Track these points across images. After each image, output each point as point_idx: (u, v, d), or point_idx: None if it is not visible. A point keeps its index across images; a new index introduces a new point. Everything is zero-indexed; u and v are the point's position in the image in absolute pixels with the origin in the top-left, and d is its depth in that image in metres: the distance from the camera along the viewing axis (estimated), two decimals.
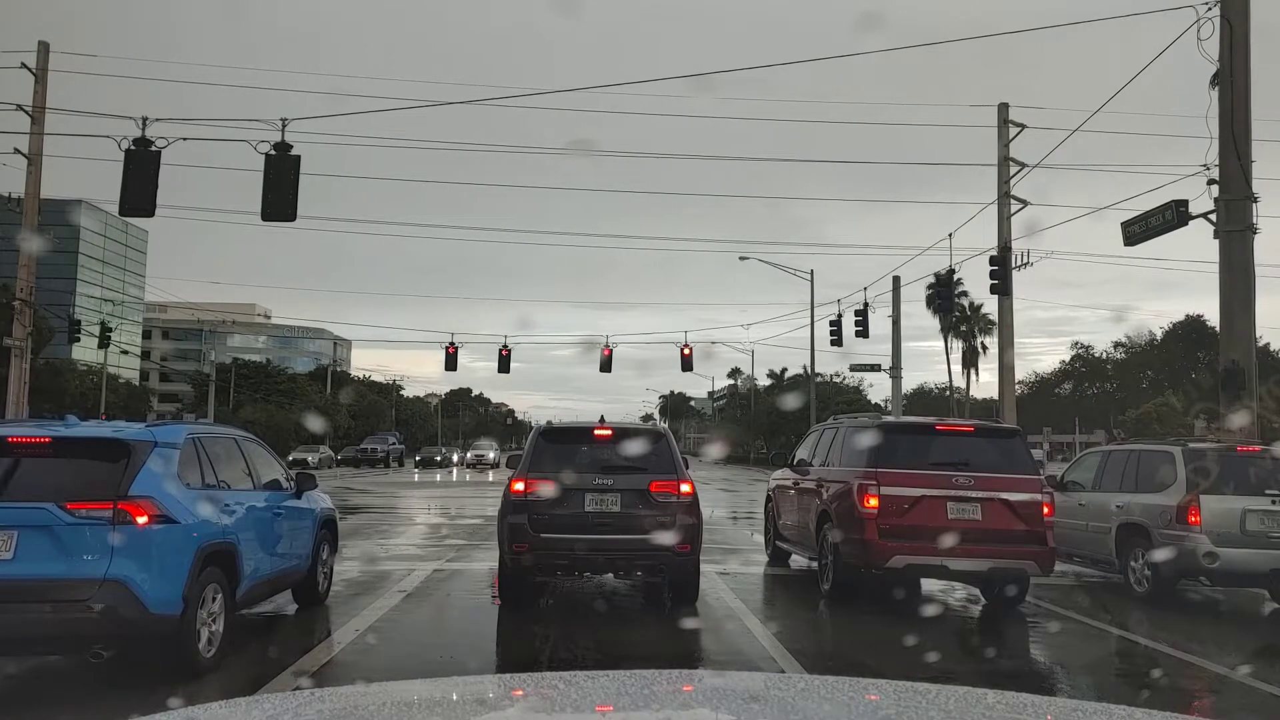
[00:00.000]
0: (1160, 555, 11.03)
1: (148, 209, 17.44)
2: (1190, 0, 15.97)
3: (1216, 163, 15.93)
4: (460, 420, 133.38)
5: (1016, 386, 31.96)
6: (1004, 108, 26.05)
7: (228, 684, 6.78)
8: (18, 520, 6.24)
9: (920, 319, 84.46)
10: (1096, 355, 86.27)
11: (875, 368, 44.11)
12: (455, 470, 61.02)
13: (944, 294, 32.45)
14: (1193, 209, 16.79)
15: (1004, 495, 10.30)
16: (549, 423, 10.81)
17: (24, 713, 6.31)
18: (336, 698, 2.46)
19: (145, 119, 17.53)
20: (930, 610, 10.86)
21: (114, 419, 10.93)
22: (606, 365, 42.74)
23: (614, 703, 2.24)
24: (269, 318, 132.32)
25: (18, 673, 7.12)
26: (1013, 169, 25.71)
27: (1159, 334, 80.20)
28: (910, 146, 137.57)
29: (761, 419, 78.43)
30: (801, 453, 13.49)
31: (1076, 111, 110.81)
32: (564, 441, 10.39)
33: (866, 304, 37.24)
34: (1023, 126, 25.58)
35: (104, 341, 44.67)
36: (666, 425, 25.70)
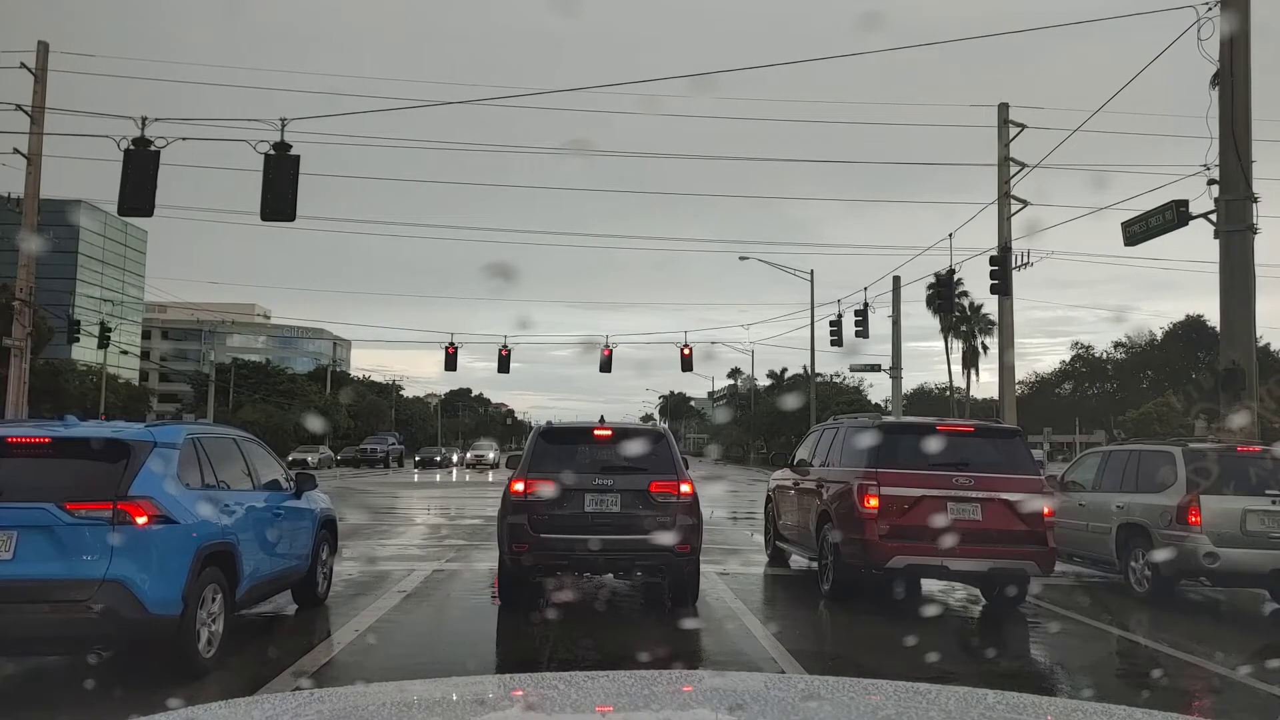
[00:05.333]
0: (1161, 555, 11.03)
1: (147, 209, 17.43)
2: (1190, 0, 15.98)
3: (1216, 163, 15.93)
4: (460, 420, 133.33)
5: (1016, 386, 31.95)
6: (1004, 108, 26.07)
7: (228, 684, 6.78)
8: (17, 520, 6.24)
9: (920, 319, 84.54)
10: (1096, 355, 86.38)
11: (875, 368, 44.11)
12: (455, 470, 60.99)
13: (944, 294, 32.46)
14: (1193, 209, 16.79)
15: (1004, 495, 10.29)
16: (549, 423, 10.79)
17: (24, 713, 6.31)
18: (336, 698, 2.46)
19: (144, 119, 17.54)
20: (930, 610, 10.85)
21: (114, 419, 10.92)
22: (606, 365, 42.76)
23: (614, 703, 2.24)
24: (268, 318, 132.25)
25: (18, 673, 7.12)
26: (1013, 169, 25.72)
27: (1159, 334, 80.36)
28: (910, 146, 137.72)
29: (761, 419, 78.40)
30: (801, 453, 13.48)
31: (1076, 111, 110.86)
32: (564, 442, 10.39)
33: (866, 304, 37.30)
34: (1023, 126, 25.60)
35: (103, 341, 44.70)
36: (666, 425, 25.70)
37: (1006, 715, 2.19)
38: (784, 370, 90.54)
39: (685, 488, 9.81)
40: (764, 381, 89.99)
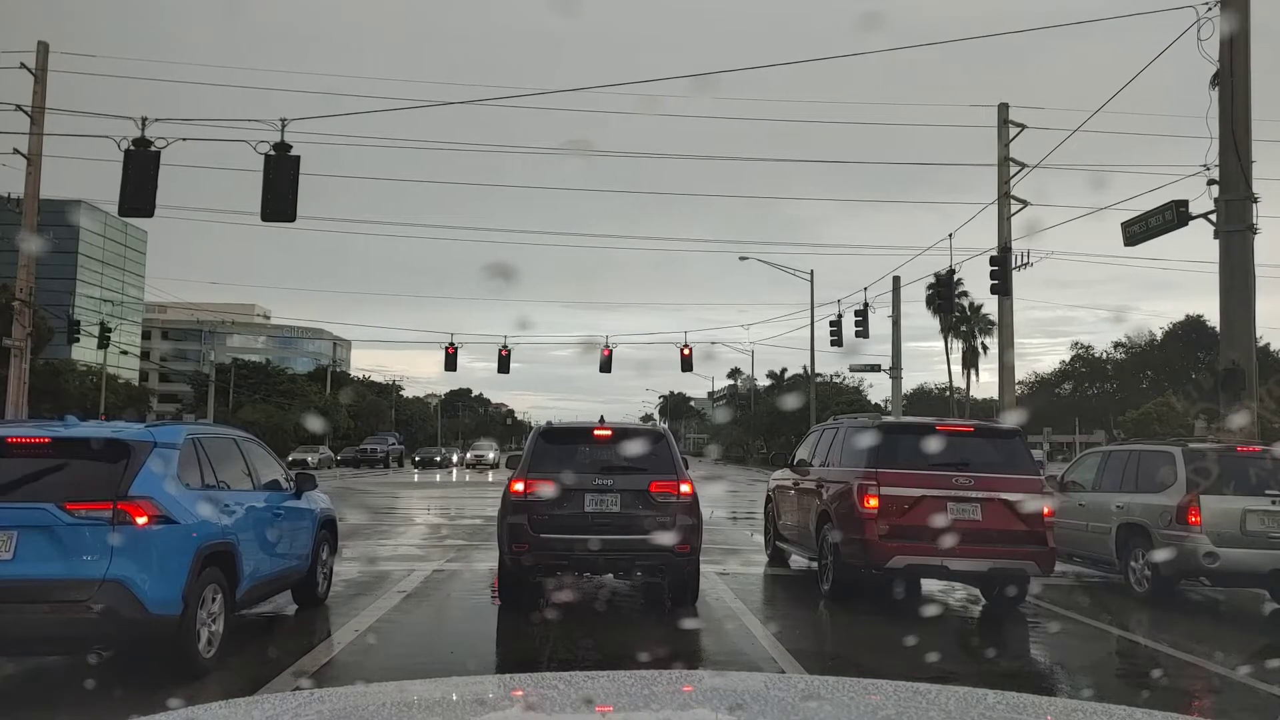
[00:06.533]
0: (1160, 555, 11.03)
1: (147, 209, 17.44)
2: (1190, 0, 15.99)
3: (1216, 163, 15.94)
4: (460, 420, 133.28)
5: (1016, 386, 31.95)
6: (1004, 108, 26.07)
7: (228, 684, 6.78)
8: (18, 520, 6.24)
9: (920, 319, 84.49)
10: (1096, 355, 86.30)
11: (875, 368, 44.12)
12: (455, 470, 60.99)
13: (944, 294, 32.47)
14: (1193, 209, 16.80)
15: (1004, 495, 10.29)
16: (549, 423, 10.79)
17: (24, 713, 6.31)
18: (336, 698, 2.46)
19: (144, 119, 17.55)
20: (930, 610, 10.85)
21: (114, 418, 10.93)
22: (606, 365, 42.76)
23: (614, 703, 2.24)
24: (268, 318, 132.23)
25: (18, 673, 7.12)
26: (1013, 169, 25.73)
27: (1159, 334, 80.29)
28: (910, 146, 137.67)
29: (761, 419, 78.38)
30: (801, 453, 13.48)
31: (1076, 111, 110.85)
32: (564, 442, 10.39)
33: (866, 304, 37.28)
34: (1023, 126, 25.61)
35: (103, 342, 44.70)
36: (666, 425, 25.70)
37: (1006, 715, 2.19)
38: (784, 370, 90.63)
39: (685, 488, 9.81)
40: (764, 381, 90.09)
